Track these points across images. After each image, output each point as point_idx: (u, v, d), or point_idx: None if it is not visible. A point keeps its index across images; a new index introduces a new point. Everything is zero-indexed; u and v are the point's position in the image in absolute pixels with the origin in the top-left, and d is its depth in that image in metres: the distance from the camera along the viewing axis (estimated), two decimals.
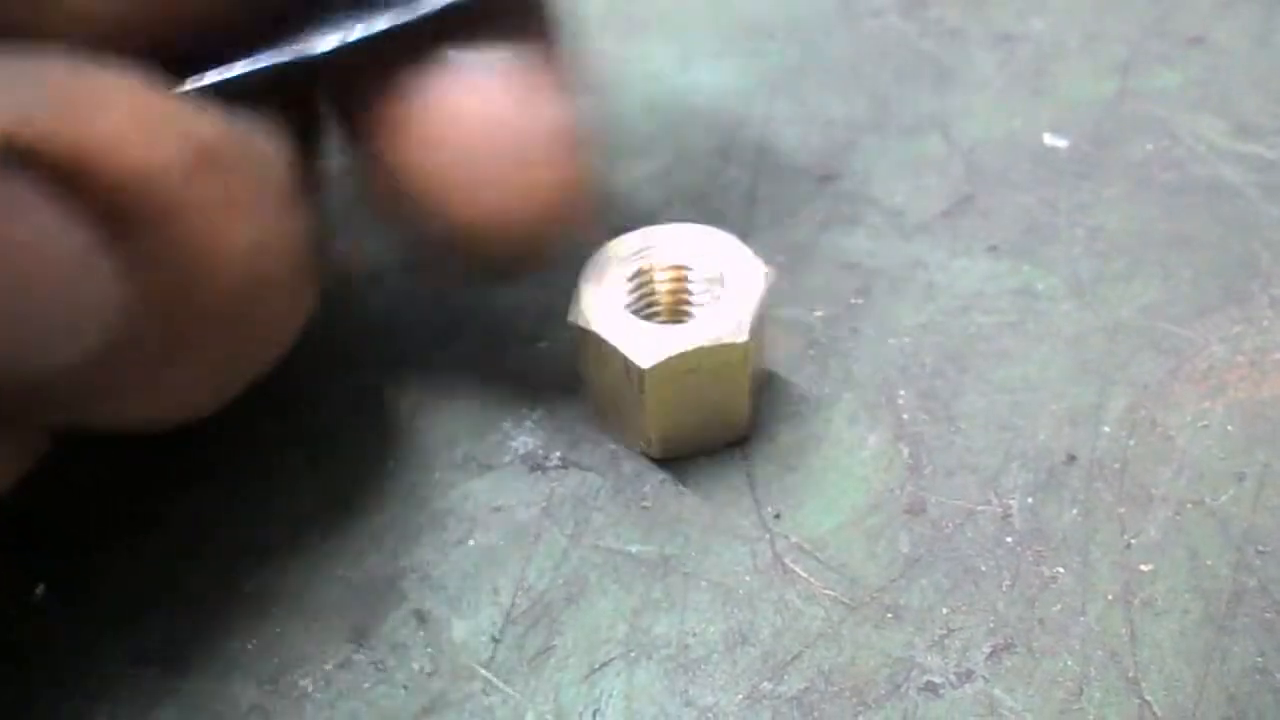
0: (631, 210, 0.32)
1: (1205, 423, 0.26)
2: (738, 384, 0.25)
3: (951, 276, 0.30)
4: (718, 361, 0.24)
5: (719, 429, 0.26)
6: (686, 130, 0.35)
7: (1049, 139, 0.33)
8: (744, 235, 0.31)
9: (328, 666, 0.24)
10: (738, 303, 0.25)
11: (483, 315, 0.30)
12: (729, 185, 0.33)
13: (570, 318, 0.25)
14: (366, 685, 0.23)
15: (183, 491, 0.27)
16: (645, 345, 0.24)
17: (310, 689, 0.23)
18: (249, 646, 0.24)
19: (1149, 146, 0.33)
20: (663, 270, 0.26)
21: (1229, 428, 0.26)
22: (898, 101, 0.35)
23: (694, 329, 0.24)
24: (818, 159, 0.33)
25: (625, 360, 0.24)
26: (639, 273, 0.26)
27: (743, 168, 0.33)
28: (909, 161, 0.33)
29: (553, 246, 0.23)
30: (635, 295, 0.26)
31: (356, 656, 0.24)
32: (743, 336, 0.24)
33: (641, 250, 0.26)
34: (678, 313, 0.26)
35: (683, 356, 0.24)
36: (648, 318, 0.26)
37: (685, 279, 0.26)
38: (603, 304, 0.25)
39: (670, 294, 0.26)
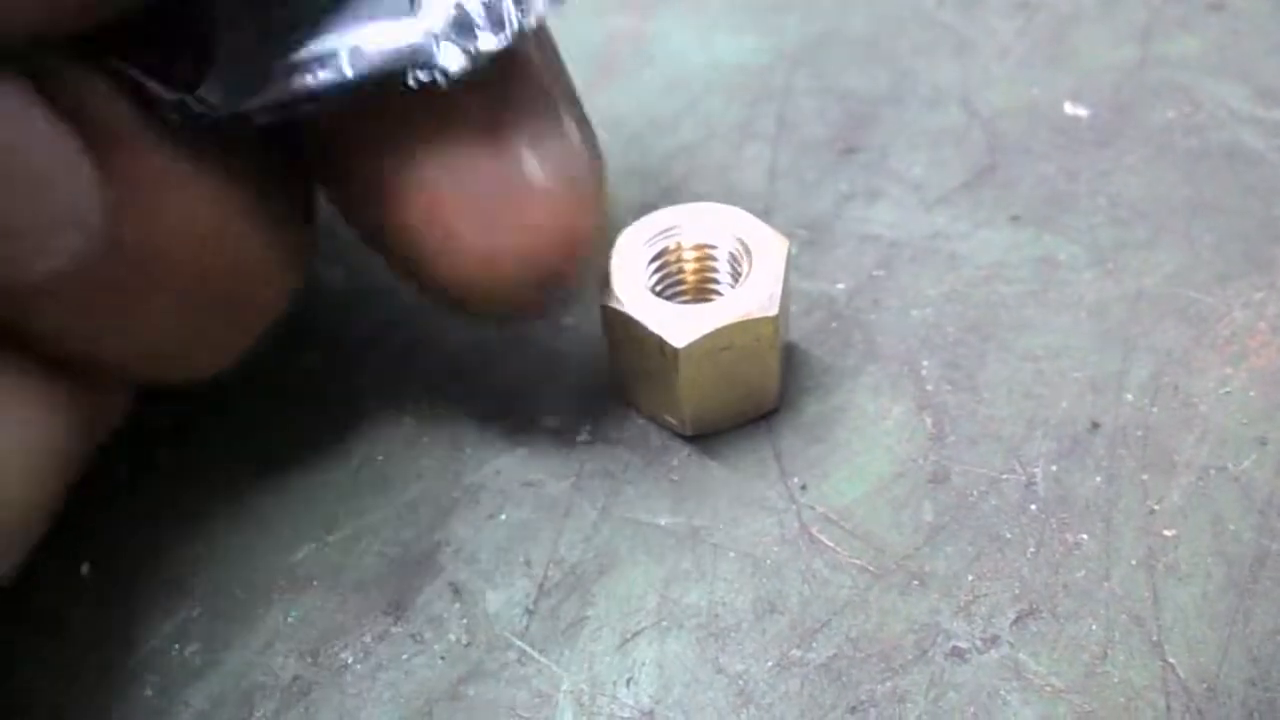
0: (655, 186, 0.33)
1: (1228, 389, 0.27)
2: (768, 358, 0.25)
3: (973, 247, 0.30)
4: (749, 337, 0.25)
5: (750, 403, 0.26)
6: (708, 106, 0.35)
7: (1069, 107, 0.33)
8: (766, 209, 0.32)
9: (366, 639, 0.24)
10: (763, 277, 0.25)
11: None
12: (751, 160, 0.33)
13: (601, 300, 0.25)
14: (405, 656, 0.24)
15: (222, 473, 0.28)
16: (678, 325, 0.24)
17: (350, 660, 0.24)
18: (289, 620, 0.25)
19: (1170, 113, 0.33)
20: (688, 250, 0.26)
21: (1251, 393, 0.26)
22: (917, 72, 0.35)
23: (724, 306, 0.25)
24: (838, 132, 0.34)
25: (659, 340, 0.24)
26: (664, 252, 0.26)
27: (764, 142, 0.34)
28: (929, 133, 0.33)
29: (549, 295, 0.23)
30: (661, 275, 0.26)
31: (394, 629, 0.24)
32: (772, 310, 0.25)
33: (666, 230, 0.26)
34: (703, 291, 0.27)
35: (715, 334, 0.24)
36: (673, 297, 0.26)
37: (710, 257, 0.26)
38: (632, 285, 0.25)
39: (695, 273, 0.26)
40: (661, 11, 0.38)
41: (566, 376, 0.28)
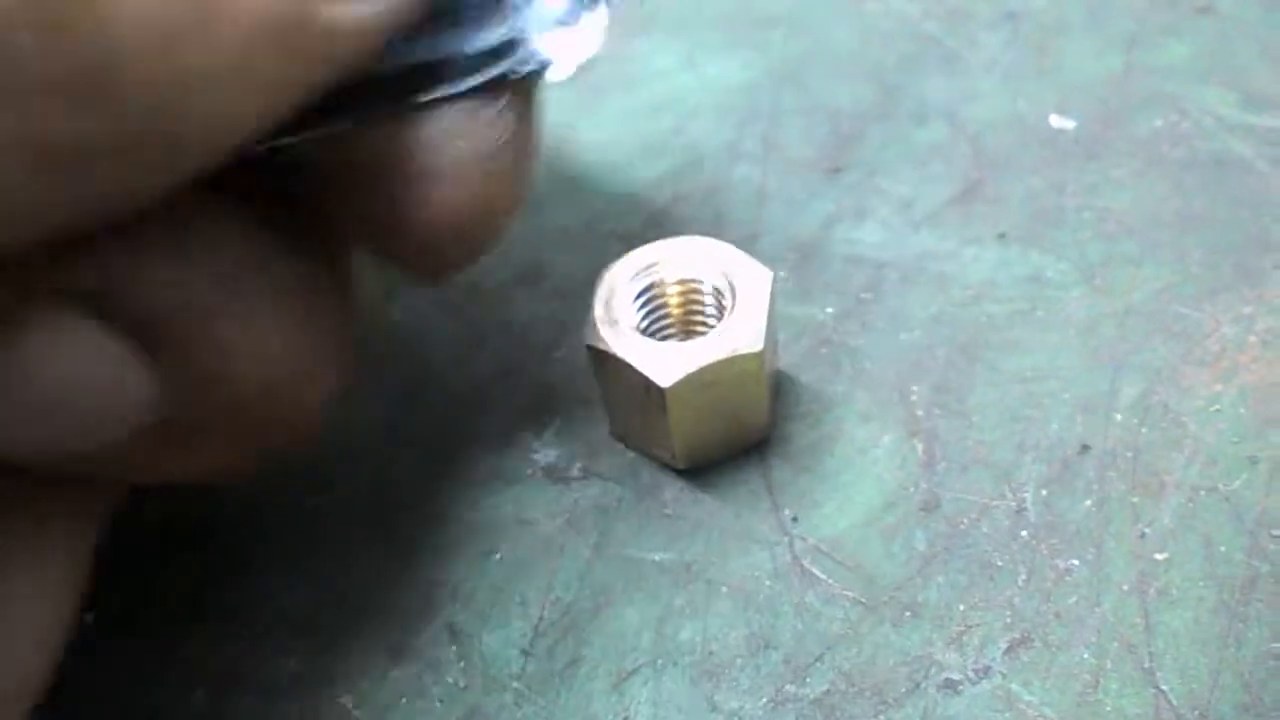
0: (644, 211, 0.33)
1: (1217, 407, 0.27)
2: (756, 391, 0.26)
3: (961, 266, 0.30)
4: (736, 372, 0.25)
5: (741, 434, 0.26)
6: (694, 128, 0.35)
7: (1056, 120, 0.33)
8: (753, 233, 0.32)
9: (365, 684, 0.25)
10: (749, 311, 0.25)
11: (499, 329, 0.30)
12: (738, 182, 0.33)
13: (586, 340, 0.25)
14: (404, 700, 0.24)
15: (219, 518, 0.28)
16: (664, 363, 0.24)
17: (350, 706, 0.24)
18: (290, 666, 0.25)
19: (1157, 123, 0.33)
20: (672, 285, 0.26)
21: (1241, 411, 0.26)
22: (903, 88, 0.35)
23: (709, 343, 0.25)
24: (825, 152, 0.34)
25: (645, 380, 0.24)
26: (649, 288, 0.26)
27: (751, 164, 0.34)
28: (916, 150, 0.33)
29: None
30: (646, 312, 0.26)
31: (393, 672, 0.25)
32: (758, 345, 0.25)
33: (649, 267, 0.26)
34: (690, 325, 0.27)
35: (701, 371, 0.24)
36: (658, 332, 0.26)
37: (695, 292, 0.26)
38: (617, 324, 0.25)
39: (681, 308, 0.27)
40: (646, 33, 0.38)
41: (557, 411, 0.29)
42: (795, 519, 0.26)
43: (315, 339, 0.21)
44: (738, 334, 0.25)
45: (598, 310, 0.25)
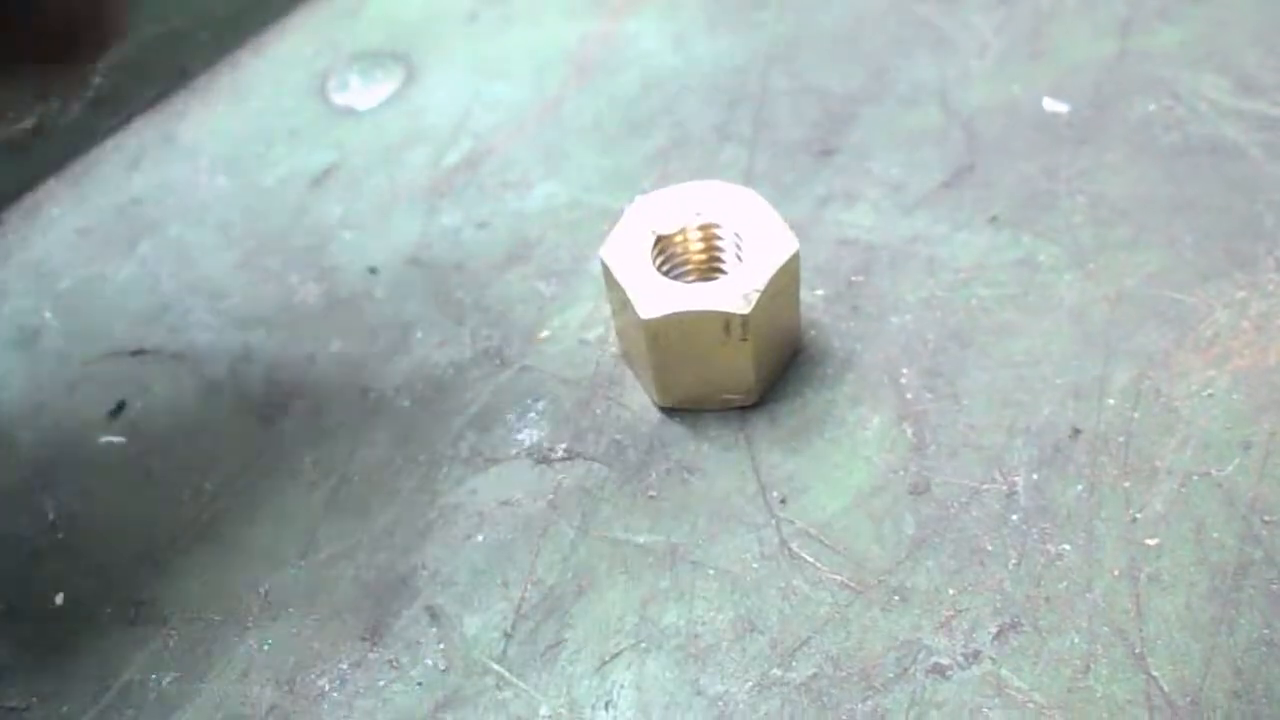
0: (630, 191, 0.32)
1: (1210, 391, 0.26)
2: (738, 350, 0.26)
3: (952, 250, 0.30)
4: (718, 327, 0.25)
5: (721, 389, 0.27)
6: (682, 109, 0.34)
7: (1049, 104, 0.33)
8: None
9: (343, 666, 0.24)
10: (751, 274, 0.25)
11: (483, 308, 0.30)
12: (728, 164, 0.33)
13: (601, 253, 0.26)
14: (382, 683, 0.24)
15: (194, 499, 0.27)
16: (653, 297, 0.25)
17: (327, 688, 0.24)
18: (265, 648, 0.25)
19: (1150, 107, 0.33)
20: (696, 231, 0.27)
21: (1234, 396, 0.26)
22: (895, 70, 0.35)
23: (705, 290, 0.25)
24: (816, 134, 0.33)
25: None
26: (682, 230, 0.27)
27: (741, 145, 0.33)
28: (908, 132, 0.33)
29: None
30: (667, 255, 0.27)
31: (371, 655, 0.24)
32: (745, 308, 0.25)
33: (700, 202, 0.27)
34: (710, 267, 0.27)
35: (682, 316, 0.25)
36: (680, 264, 0.27)
37: (718, 239, 0.27)
38: (636, 245, 0.26)
39: (705, 251, 0.27)
40: (636, 13, 0.38)
41: (542, 390, 0.28)
42: (783, 501, 0.25)
43: None
44: (731, 293, 0.25)
45: (623, 226, 0.26)
